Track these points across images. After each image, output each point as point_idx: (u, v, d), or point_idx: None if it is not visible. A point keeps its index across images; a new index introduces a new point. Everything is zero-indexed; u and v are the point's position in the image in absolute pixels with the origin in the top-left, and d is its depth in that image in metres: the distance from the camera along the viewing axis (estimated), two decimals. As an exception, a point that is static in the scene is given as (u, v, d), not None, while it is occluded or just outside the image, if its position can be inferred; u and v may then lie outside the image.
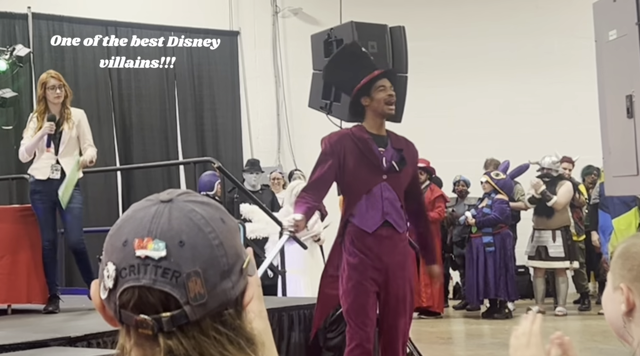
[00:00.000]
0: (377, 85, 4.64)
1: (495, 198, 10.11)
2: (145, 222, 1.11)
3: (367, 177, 4.61)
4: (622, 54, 4.13)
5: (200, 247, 1.10)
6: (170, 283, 1.08)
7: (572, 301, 10.89)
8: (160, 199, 1.15)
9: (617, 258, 1.78)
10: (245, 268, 1.16)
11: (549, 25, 12.67)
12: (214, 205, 1.16)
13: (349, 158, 4.60)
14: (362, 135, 4.64)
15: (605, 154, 4.40)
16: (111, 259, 1.11)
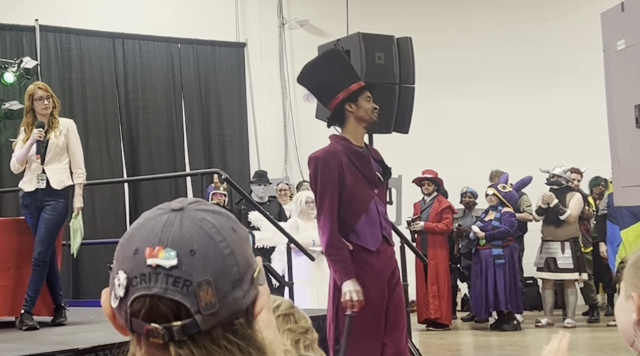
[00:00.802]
0: (365, 94, 4.53)
1: (503, 211, 10.09)
2: (157, 231, 1.11)
3: (364, 194, 4.47)
4: (630, 63, 4.11)
5: (211, 255, 1.10)
6: (181, 292, 1.08)
7: (581, 313, 10.84)
8: (172, 208, 1.14)
9: (630, 267, 1.77)
10: (256, 278, 1.16)
11: (557, 36, 12.67)
12: (224, 214, 1.16)
13: (347, 175, 4.43)
14: (354, 148, 4.49)
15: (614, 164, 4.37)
16: (122, 268, 1.11)
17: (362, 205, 4.45)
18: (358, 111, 4.49)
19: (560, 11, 12.80)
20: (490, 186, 10.41)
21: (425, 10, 12.86)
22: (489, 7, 12.94)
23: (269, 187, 10.80)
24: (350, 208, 4.45)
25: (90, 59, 11.78)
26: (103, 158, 11.68)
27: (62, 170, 6.37)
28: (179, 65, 12.55)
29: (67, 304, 6.67)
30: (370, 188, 4.49)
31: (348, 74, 4.63)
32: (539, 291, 11.04)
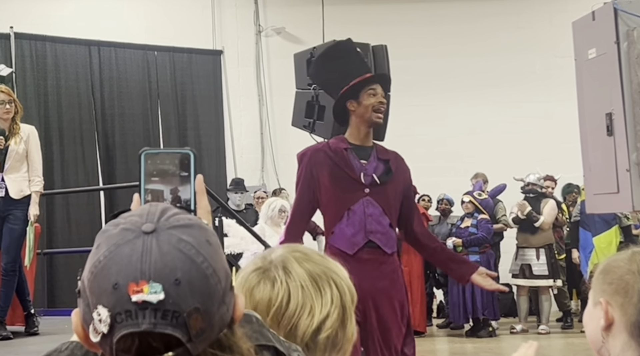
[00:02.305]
0: (367, 88, 4.06)
1: (479, 218, 10.17)
2: (135, 262, 1.05)
3: (345, 193, 4.08)
4: (601, 72, 4.16)
5: (196, 281, 1.06)
6: (171, 324, 1.04)
7: (555, 320, 10.91)
8: (143, 230, 1.08)
9: (599, 274, 1.78)
10: (233, 285, 1.14)
11: (530, 44, 12.79)
12: (197, 226, 1.11)
13: (323, 174, 4.08)
14: (338, 146, 4.11)
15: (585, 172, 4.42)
16: (101, 302, 1.06)
17: (342, 205, 4.07)
18: (359, 108, 4.09)
19: (533, 19, 12.93)
20: (467, 193, 10.48)
21: (401, 19, 12.92)
22: (463, 15, 13.03)
23: (245, 195, 10.80)
24: (329, 208, 4.13)
25: (65, 67, 11.72)
26: (79, 167, 11.62)
27: (22, 178, 6.27)
28: (156, 72, 12.51)
29: (41, 313, 6.63)
30: (357, 187, 4.08)
31: (353, 68, 4.19)
32: (514, 297, 11.11)
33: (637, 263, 1.71)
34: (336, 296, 1.67)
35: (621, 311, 1.69)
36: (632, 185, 3.95)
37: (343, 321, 1.66)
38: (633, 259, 1.72)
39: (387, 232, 4.10)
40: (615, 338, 1.71)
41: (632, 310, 1.68)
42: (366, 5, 13.06)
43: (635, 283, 1.68)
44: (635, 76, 3.97)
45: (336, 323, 1.64)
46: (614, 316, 1.70)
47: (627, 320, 1.68)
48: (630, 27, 4.03)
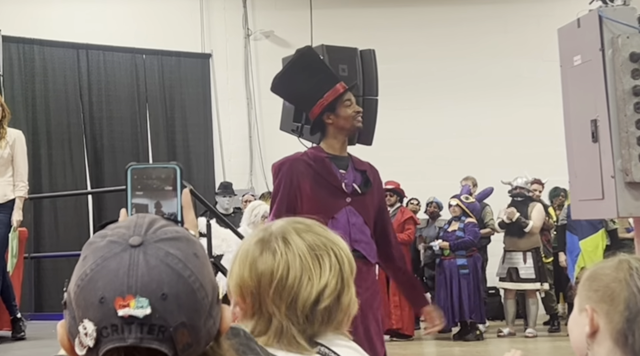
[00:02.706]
0: (343, 99, 4.08)
1: (466, 221, 10.21)
2: (122, 275, 1.05)
3: (328, 202, 4.05)
4: (586, 79, 4.19)
5: (183, 295, 1.06)
6: (157, 338, 1.04)
7: (542, 323, 10.95)
8: (130, 243, 1.08)
9: (585, 281, 1.79)
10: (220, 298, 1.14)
11: (517, 48, 12.84)
12: (184, 238, 1.11)
13: (304, 183, 4.03)
14: (318, 155, 4.09)
15: (571, 178, 4.45)
16: (87, 316, 1.05)
17: (325, 213, 3.88)
18: (338, 121, 4.08)
19: (520, 23, 12.98)
20: (454, 197, 10.51)
21: (389, 22, 12.95)
22: (451, 19, 13.07)
23: (234, 199, 10.81)
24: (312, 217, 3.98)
25: (53, 70, 11.70)
26: (67, 170, 11.60)
27: (6, 183, 6.24)
28: (144, 76, 12.50)
29: (28, 317, 6.61)
30: (339, 196, 4.05)
31: (323, 80, 4.16)
32: (501, 301, 11.15)
33: (624, 271, 1.71)
34: (335, 266, 1.71)
35: (607, 319, 1.70)
36: (617, 192, 3.97)
37: (341, 291, 1.70)
38: (620, 267, 1.73)
39: (370, 242, 4.09)
40: (600, 346, 1.72)
41: (617, 318, 1.68)
42: (354, 9, 13.09)
43: (622, 291, 1.69)
44: (619, 83, 3.99)
45: (334, 293, 1.68)
46: (599, 324, 1.71)
47: (612, 328, 1.69)
48: (614, 34, 4.05)
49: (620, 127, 3.99)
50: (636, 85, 3.97)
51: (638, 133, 3.95)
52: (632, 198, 3.99)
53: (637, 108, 3.97)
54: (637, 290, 1.68)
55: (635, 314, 1.66)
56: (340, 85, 4.16)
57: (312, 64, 4.24)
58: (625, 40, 4.01)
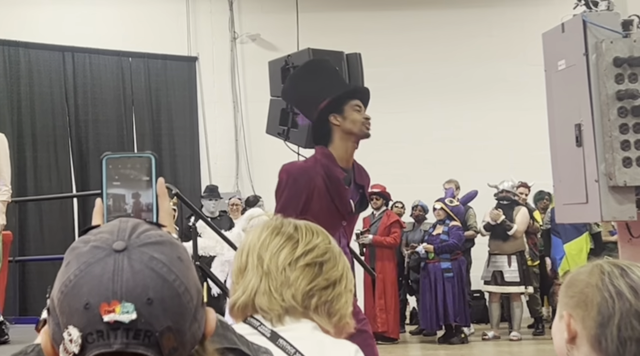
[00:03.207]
0: (352, 103, 3.88)
1: (451, 225, 10.24)
2: (106, 281, 1.04)
3: (328, 224, 3.72)
4: (570, 83, 4.21)
5: (168, 299, 1.05)
6: (143, 343, 1.04)
7: (526, 326, 10.99)
8: (114, 248, 1.07)
9: (562, 287, 1.81)
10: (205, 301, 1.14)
11: (502, 52, 12.89)
12: (168, 242, 1.10)
13: (315, 201, 3.86)
14: (334, 174, 3.88)
15: (555, 182, 4.47)
16: (72, 323, 1.04)
17: None
18: (345, 123, 3.87)
19: (504, 27, 13.03)
20: (438, 200, 10.54)
21: (374, 26, 12.98)
22: (435, 23, 13.11)
23: (220, 202, 10.80)
24: None
25: (39, 73, 11.66)
26: (52, 173, 11.55)
27: None
28: (130, 79, 12.48)
29: (13, 321, 6.58)
30: (338, 219, 3.93)
31: (334, 82, 4.03)
32: (486, 304, 11.18)
33: (595, 276, 1.73)
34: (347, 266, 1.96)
35: (582, 324, 1.71)
36: (601, 196, 4.00)
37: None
38: (593, 272, 1.74)
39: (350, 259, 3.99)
40: (579, 351, 1.73)
41: (591, 323, 1.70)
42: (340, 13, 13.11)
43: (594, 296, 1.70)
44: (603, 88, 4.02)
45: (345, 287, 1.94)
46: (577, 329, 1.72)
47: (587, 333, 1.70)
48: (598, 39, 4.08)
49: (604, 131, 4.02)
50: (620, 89, 4.00)
51: (622, 137, 3.98)
52: (616, 202, 4.02)
53: (621, 112, 4.00)
54: (609, 294, 1.69)
55: (607, 318, 1.67)
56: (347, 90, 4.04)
57: (325, 69, 4.12)
58: (609, 45, 4.04)
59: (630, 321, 1.66)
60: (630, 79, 4.00)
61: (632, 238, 4.17)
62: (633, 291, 1.69)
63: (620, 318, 1.67)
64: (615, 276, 1.71)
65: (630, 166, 3.95)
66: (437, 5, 13.20)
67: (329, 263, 1.95)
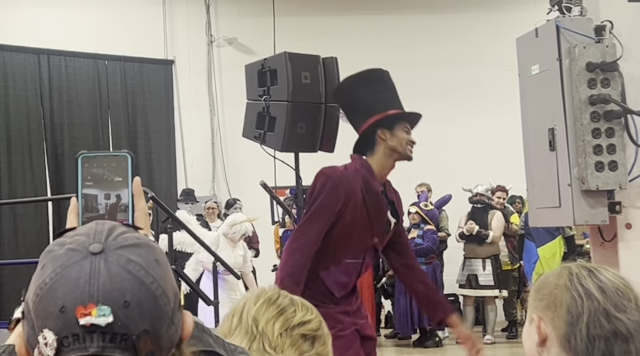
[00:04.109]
0: (403, 124, 3.96)
1: (425, 228, 10.28)
2: (83, 284, 1.03)
3: (360, 240, 3.86)
4: (544, 88, 4.25)
5: (145, 303, 1.04)
6: (119, 347, 1.03)
7: (500, 330, 11.05)
8: (91, 251, 1.06)
9: (532, 291, 1.83)
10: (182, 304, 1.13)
11: (476, 57, 12.97)
12: (145, 245, 1.10)
13: (349, 211, 3.79)
14: (373, 187, 3.88)
15: (529, 186, 4.50)
16: (47, 326, 1.03)
17: (350, 252, 3.84)
18: (392, 140, 3.92)
19: (479, 33, 13.12)
20: (413, 204, 10.58)
21: (350, 30, 13.01)
22: (411, 27, 13.17)
23: (196, 205, 10.78)
24: (335, 245, 3.81)
25: (14, 75, 11.58)
26: (26, 176, 11.48)
27: None
28: (106, 81, 12.43)
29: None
30: (369, 235, 3.88)
31: (389, 97, 4.03)
32: (460, 307, 11.23)
33: (564, 277, 1.75)
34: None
35: (552, 326, 1.73)
36: (573, 200, 4.03)
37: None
38: (561, 274, 1.77)
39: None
40: (549, 353, 1.75)
41: (560, 323, 1.72)
42: (317, 17, 13.13)
43: (563, 297, 1.72)
44: (576, 92, 4.06)
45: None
46: (547, 332, 1.74)
47: (557, 334, 1.72)
48: (571, 44, 4.12)
49: (576, 135, 4.06)
50: (592, 94, 4.04)
51: (594, 142, 4.02)
52: (588, 206, 4.05)
53: (593, 117, 4.04)
54: (577, 294, 1.71)
55: (576, 317, 1.70)
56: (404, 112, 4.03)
57: (384, 81, 4.09)
58: (582, 50, 4.08)
59: (598, 319, 1.68)
60: (603, 84, 4.04)
61: (604, 242, 4.21)
62: (601, 291, 1.71)
63: (589, 316, 1.69)
64: (583, 276, 1.74)
65: (603, 170, 3.99)
66: (412, 9, 13.26)
67: (320, 340, 1.98)
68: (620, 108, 4.01)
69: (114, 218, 1.27)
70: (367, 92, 3.98)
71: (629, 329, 1.69)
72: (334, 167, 3.91)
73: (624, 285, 1.74)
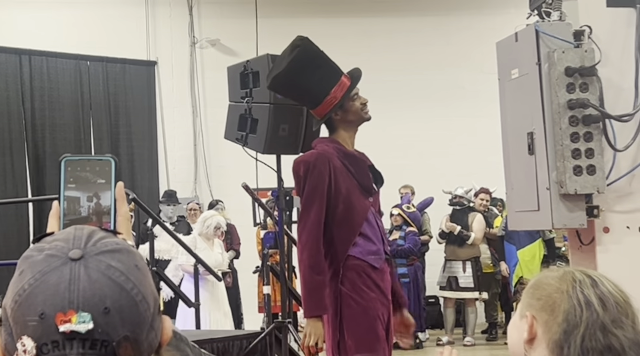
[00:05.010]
0: (350, 94, 3.99)
1: (407, 230, 10.32)
2: (62, 290, 1.02)
3: (359, 203, 3.89)
4: (523, 92, 4.27)
5: (126, 309, 1.04)
6: (100, 353, 1.02)
7: (480, 332, 11.09)
8: (70, 257, 1.05)
9: (529, 288, 1.82)
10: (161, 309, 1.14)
11: (459, 60, 13.02)
12: (124, 250, 1.09)
13: (341, 182, 3.84)
14: (349, 152, 3.96)
15: (508, 189, 4.52)
16: (26, 333, 1.02)
17: (361, 217, 3.87)
18: (346, 116, 3.99)
19: (462, 36, 13.17)
20: (395, 206, 10.61)
21: (333, 32, 13.01)
22: (393, 30, 13.21)
23: (177, 207, 10.77)
24: (347, 221, 3.84)
25: (-5, 76, 11.54)
26: (7, 177, 11.42)
27: None
28: (88, 82, 12.39)
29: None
30: (365, 197, 3.94)
31: (328, 74, 4.02)
32: (441, 309, 11.27)
33: (567, 283, 1.74)
34: None
35: (545, 328, 1.73)
36: (552, 203, 4.05)
37: None
38: (564, 278, 1.75)
39: (388, 242, 4.12)
40: (536, 352, 1.74)
41: (555, 329, 1.71)
42: (299, 19, 13.14)
43: (562, 302, 1.72)
44: (555, 97, 4.09)
45: None
46: (538, 332, 1.74)
47: (549, 338, 1.72)
48: (551, 49, 4.14)
49: (555, 139, 4.08)
50: (571, 99, 4.07)
51: (573, 146, 4.04)
52: (567, 210, 4.07)
53: (572, 121, 4.06)
54: (578, 303, 1.70)
55: (573, 327, 1.69)
56: (346, 78, 4.07)
57: (314, 58, 4.07)
58: (561, 54, 4.10)
59: (595, 332, 1.68)
60: (582, 89, 4.06)
61: (582, 245, 4.24)
62: (601, 303, 1.70)
63: (585, 328, 1.68)
64: (586, 285, 1.73)
65: (581, 174, 4.01)
66: (395, 12, 13.30)
67: None
68: (598, 112, 4.03)
69: (100, 219, 1.26)
70: (306, 79, 3.97)
71: (624, 346, 1.68)
72: (305, 154, 4.01)
73: (624, 300, 1.73)
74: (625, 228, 4.16)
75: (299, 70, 3.99)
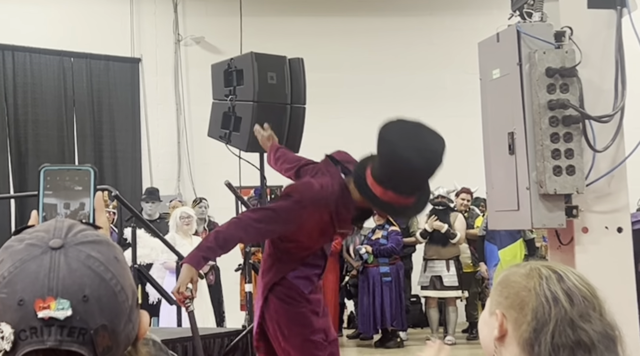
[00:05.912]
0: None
1: (390, 229, 10.34)
2: (42, 278, 1.03)
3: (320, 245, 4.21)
4: (504, 92, 4.29)
5: (104, 298, 1.05)
6: (77, 341, 1.03)
7: (461, 331, 11.14)
8: (51, 246, 1.06)
9: (497, 285, 1.82)
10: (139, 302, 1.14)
11: (442, 60, 13.06)
12: (105, 242, 1.11)
13: (315, 231, 4.04)
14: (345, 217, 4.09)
15: (488, 189, 4.55)
16: (4, 319, 1.03)
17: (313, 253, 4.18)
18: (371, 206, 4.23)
19: (445, 37, 13.20)
20: (379, 206, 10.63)
21: (317, 31, 13.04)
22: (377, 30, 13.22)
23: (159, 204, 10.73)
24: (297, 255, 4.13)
25: (-23, 71, 11.48)
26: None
27: None
28: (72, 79, 12.34)
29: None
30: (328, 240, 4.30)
31: (425, 193, 4.41)
32: (422, 309, 11.29)
33: (534, 280, 1.74)
34: None
35: (514, 326, 1.74)
36: (532, 203, 4.08)
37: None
38: (530, 275, 1.75)
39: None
40: (507, 350, 1.75)
41: (524, 327, 1.71)
42: (284, 18, 13.15)
43: (530, 300, 1.72)
44: (535, 97, 4.11)
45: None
46: (508, 329, 1.74)
47: (519, 335, 1.72)
48: (532, 49, 4.17)
49: (535, 140, 4.11)
50: (551, 99, 4.09)
51: (552, 146, 4.07)
52: (546, 210, 4.10)
53: (552, 122, 4.09)
54: (546, 300, 1.70)
55: (542, 324, 1.70)
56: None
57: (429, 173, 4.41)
58: (542, 55, 4.13)
59: (564, 328, 1.68)
60: (562, 89, 4.09)
61: (561, 245, 4.27)
62: (568, 298, 1.71)
63: (555, 325, 1.69)
64: (552, 281, 1.73)
65: (561, 174, 4.04)
66: (379, 12, 13.32)
67: None
68: (578, 113, 4.07)
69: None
70: (409, 174, 4.19)
71: (593, 340, 1.69)
72: (312, 185, 4.03)
73: (591, 293, 1.74)
74: (604, 229, 4.19)
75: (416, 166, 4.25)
